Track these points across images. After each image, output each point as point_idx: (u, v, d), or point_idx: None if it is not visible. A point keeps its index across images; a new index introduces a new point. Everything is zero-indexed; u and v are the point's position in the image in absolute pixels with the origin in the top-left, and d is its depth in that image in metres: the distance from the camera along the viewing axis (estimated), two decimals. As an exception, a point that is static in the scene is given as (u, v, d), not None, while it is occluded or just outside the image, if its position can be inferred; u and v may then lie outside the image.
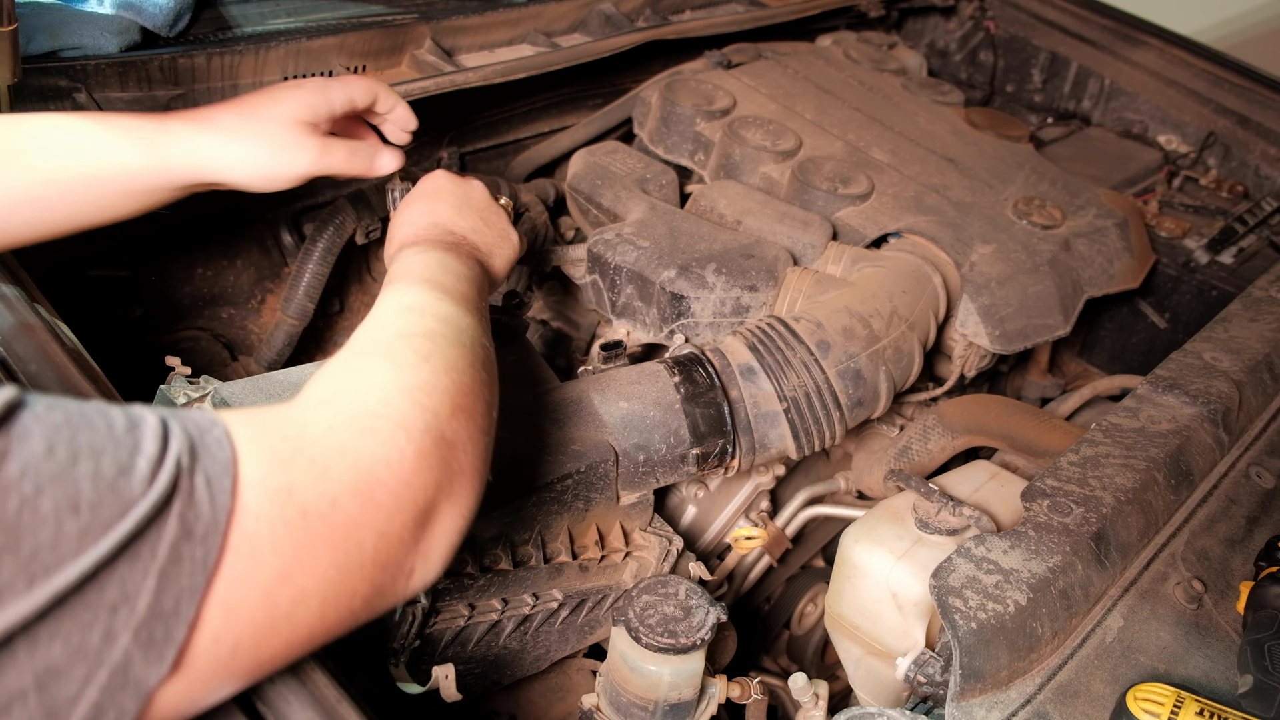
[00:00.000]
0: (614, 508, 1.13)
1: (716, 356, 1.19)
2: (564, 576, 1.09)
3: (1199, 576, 1.02)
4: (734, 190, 1.50)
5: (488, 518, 0.96)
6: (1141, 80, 2.11)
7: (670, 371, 1.18)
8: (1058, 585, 0.94)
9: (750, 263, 1.34)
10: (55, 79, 1.27)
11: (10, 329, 0.91)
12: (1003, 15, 2.28)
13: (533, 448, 1.05)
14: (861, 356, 1.23)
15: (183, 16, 1.41)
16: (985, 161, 1.68)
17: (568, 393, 1.14)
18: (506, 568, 1.01)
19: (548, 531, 1.06)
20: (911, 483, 1.15)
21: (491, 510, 0.96)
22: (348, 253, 1.50)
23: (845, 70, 1.90)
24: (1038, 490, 1.04)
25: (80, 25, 1.33)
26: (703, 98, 1.66)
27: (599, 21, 1.85)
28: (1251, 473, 1.18)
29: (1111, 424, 1.15)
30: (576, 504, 1.08)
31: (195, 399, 0.96)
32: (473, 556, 0.97)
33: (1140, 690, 0.85)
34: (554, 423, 1.09)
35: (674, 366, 1.19)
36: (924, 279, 1.36)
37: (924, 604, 1.05)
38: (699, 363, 1.19)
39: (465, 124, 1.69)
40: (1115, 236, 1.60)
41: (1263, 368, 1.28)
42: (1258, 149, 1.97)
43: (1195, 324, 1.44)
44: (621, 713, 1.03)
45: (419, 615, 0.93)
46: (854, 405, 1.23)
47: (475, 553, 0.98)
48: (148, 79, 1.34)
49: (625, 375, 1.18)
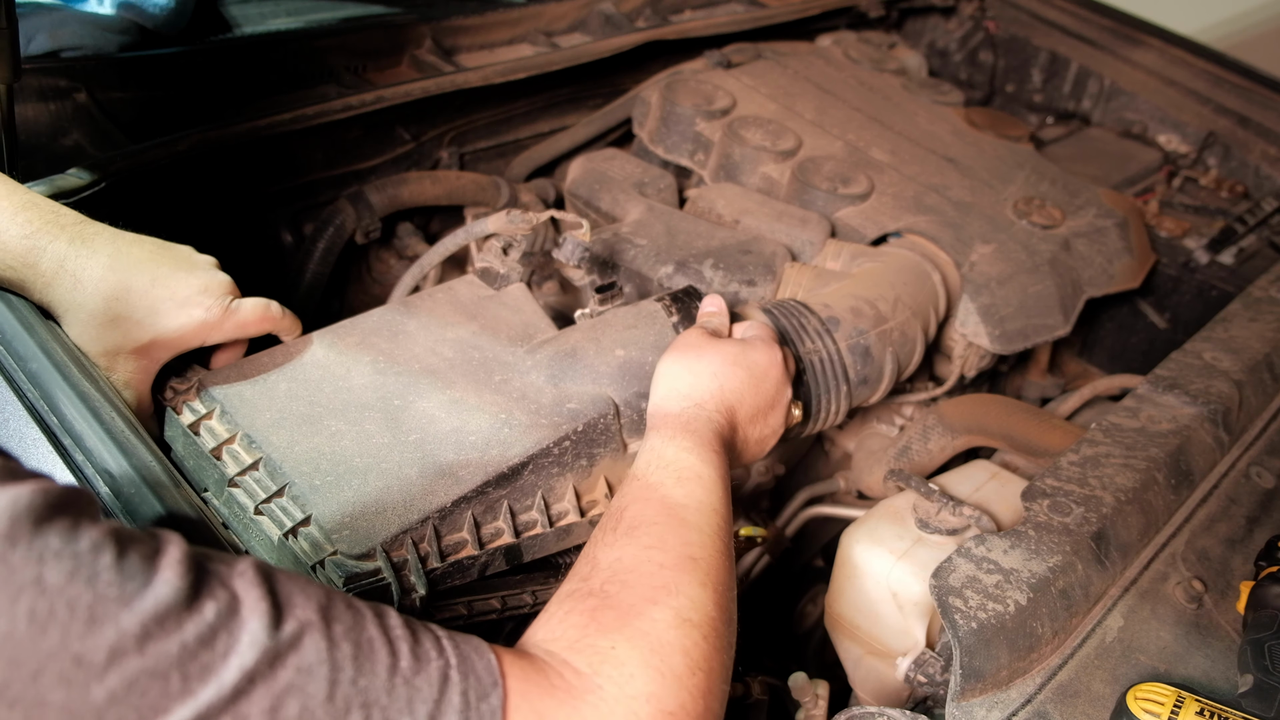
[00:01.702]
0: (621, 458, 1.08)
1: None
2: (573, 537, 1.04)
3: (1199, 576, 1.02)
4: (732, 192, 1.51)
5: (485, 495, 0.94)
6: (1141, 80, 2.11)
7: (668, 310, 1.14)
8: (1058, 585, 0.94)
9: (748, 258, 1.34)
10: (55, 79, 1.27)
11: (10, 329, 0.91)
12: (1003, 15, 2.28)
13: (526, 412, 1.01)
14: (871, 334, 1.23)
15: (183, 17, 1.41)
16: (985, 161, 1.68)
17: (561, 345, 1.09)
18: (510, 540, 0.97)
19: (551, 494, 1.02)
20: (911, 482, 1.15)
21: (489, 488, 0.94)
22: (348, 253, 1.50)
23: (845, 70, 1.90)
24: (1038, 490, 1.04)
25: (80, 25, 1.33)
26: (703, 98, 1.66)
27: (599, 21, 1.85)
28: (1251, 473, 1.18)
29: (1111, 424, 1.15)
30: (579, 462, 1.03)
31: (202, 416, 0.95)
32: (472, 535, 0.94)
33: (1140, 690, 0.85)
34: (549, 380, 1.06)
35: (671, 304, 1.14)
36: (924, 275, 1.37)
37: (924, 604, 1.05)
38: (696, 295, 1.15)
39: (465, 124, 1.69)
40: (1115, 236, 1.60)
41: (1263, 368, 1.28)
42: (1258, 149, 1.97)
43: (1195, 324, 1.44)
44: (621, 712, 1.03)
45: (417, 606, 0.92)
46: (860, 382, 1.22)
47: (474, 530, 0.95)
48: (148, 79, 1.34)
49: (621, 319, 1.13)
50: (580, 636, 0.69)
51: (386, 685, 0.53)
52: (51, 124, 1.27)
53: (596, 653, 0.67)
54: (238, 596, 0.50)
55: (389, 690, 0.53)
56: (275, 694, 0.48)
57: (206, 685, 0.47)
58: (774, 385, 1.03)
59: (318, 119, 1.35)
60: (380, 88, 1.45)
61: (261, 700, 0.48)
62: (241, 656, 0.48)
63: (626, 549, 0.78)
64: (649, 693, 0.65)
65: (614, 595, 0.72)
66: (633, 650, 0.67)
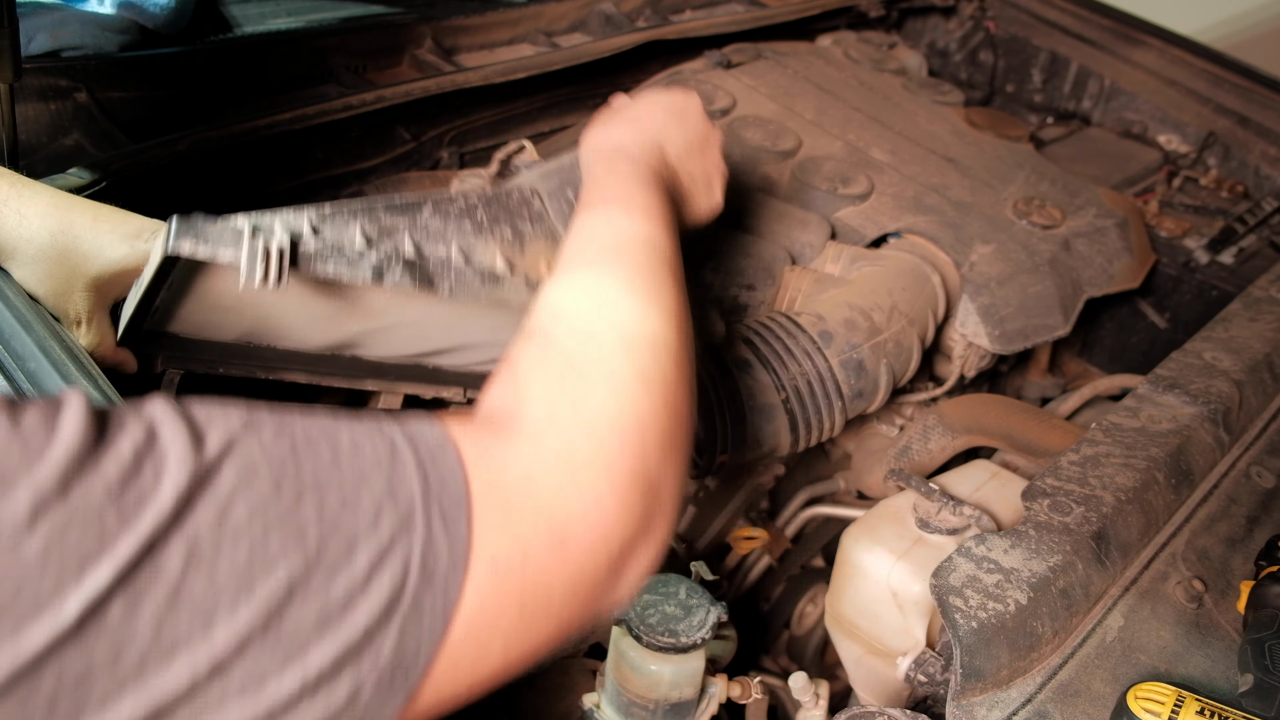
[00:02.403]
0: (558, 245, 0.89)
1: (708, 351, 1.19)
2: (504, 290, 0.90)
3: (1199, 576, 1.02)
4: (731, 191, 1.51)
5: (373, 212, 0.84)
6: (1141, 80, 2.11)
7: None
8: (1058, 584, 0.94)
9: (747, 262, 1.34)
10: (55, 79, 1.27)
11: (9, 326, 0.91)
12: (1003, 15, 2.28)
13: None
14: (864, 347, 1.23)
15: (183, 17, 1.41)
16: (985, 161, 1.68)
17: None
18: (411, 256, 0.84)
19: (471, 251, 0.89)
20: (912, 482, 1.15)
21: (376, 207, 0.85)
22: (348, 252, 1.50)
23: (845, 70, 1.90)
24: (1038, 490, 1.04)
25: (81, 25, 1.33)
26: (702, 97, 1.66)
27: (599, 21, 1.85)
28: (1252, 472, 1.18)
29: (1112, 424, 1.15)
30: (500, 229, 0.92)
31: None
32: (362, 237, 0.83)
33: (1141, 689, 0.85)
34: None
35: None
36: (923, 278, 1.36)
37: (924, 603, 1.05)
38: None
39: (465, 124, 1.69)
40: (1115, 236, 1.60)
41: (1263, 367, 1.28)
42: (1258, 149, 1.97)
43: (1195, 324, 1.44)
44: (622, 712, 1.03)
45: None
46: (854, 396, 1.23)
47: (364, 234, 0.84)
48: (148, 79, 1.34)
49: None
50: (517, 377, 0.64)
51: (332, 465, 0.50)
52: (52, 124, 1.27)
53: (536, 385, 0.63)
54: (153, 428, 0.48)
55: (336, 468, 0.50)
56: (219, 503, 0.46)
57: (143, 513, 0.44)
58: (696, 118, 1.00)
59: (318, 119, 1.35)
60: (380, 87, 1.45)
61: (206, 512, 0.46)
62: (173, 478, 0.46)
63: (560, 286, 0.73)
64: (600, 410, 0.62)
65: (554, 333, 0.67)
66: (576, 379, 0.63)
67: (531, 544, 0.55)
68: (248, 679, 0.46)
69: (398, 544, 0.50)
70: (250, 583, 0.46)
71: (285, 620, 0.47)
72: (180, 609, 0.45)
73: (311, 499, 0.49)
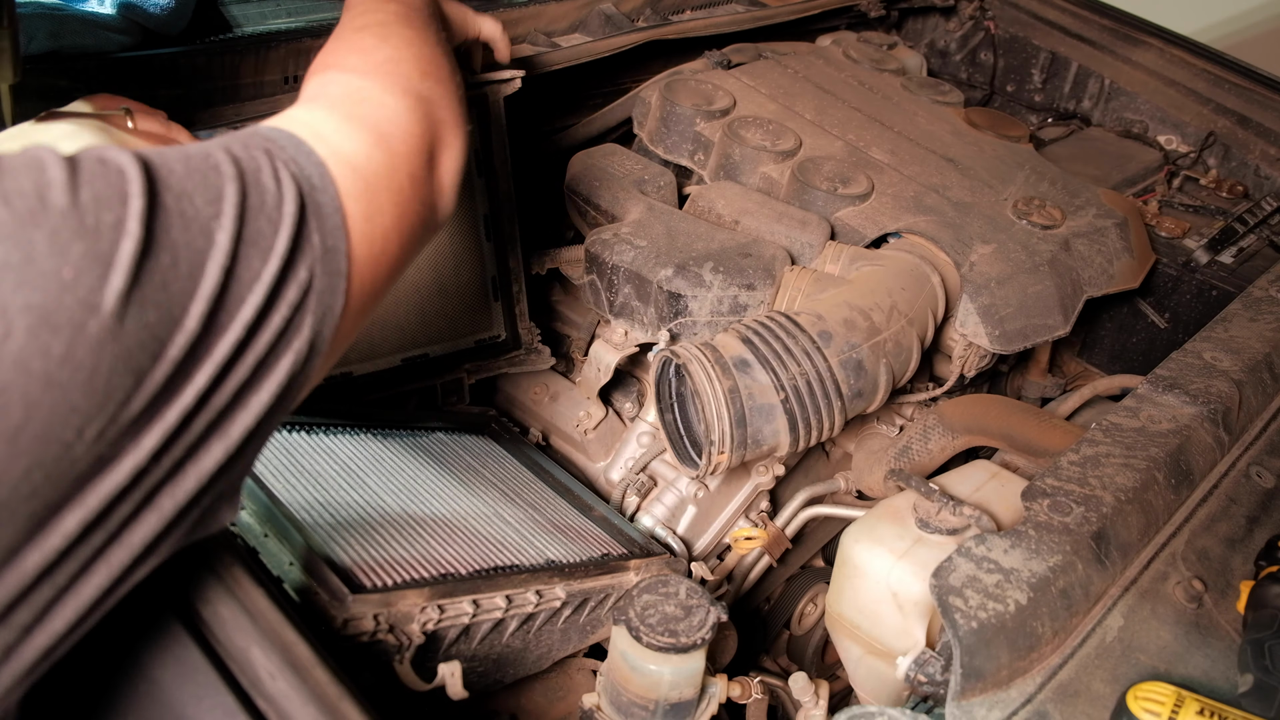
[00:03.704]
0: None
1: (709, 351, 1.19)
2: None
3: (1199, 576, 1.02)
4: (732, 191, 1.51)
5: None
6: (1141, 80, 2.11)
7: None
8: (1058, 584, 0.94)
9: (748, 261, 1.34)
10: (56, 79, 1.27)
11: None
12: (1003, 15, 2.28)
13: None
14: (863, 347, 1.23)
15: (183, 17, 1.41)
16: (985, 161, 1.68)
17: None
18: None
19: None
20: (912, 482, 1.15)
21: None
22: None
23: (845, 70, 1.90)
24: (1038, 490, 1.04)
25: (81, 25, 1.33)
26: (702, 98, 1.66)
27: (599, 21, 1.85)
28: (1251, 472, 1.18)
29: (1111, 424, 1.15)
30: None
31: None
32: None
33: (1141, 689, 0.85)
34: None
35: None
36: (922, 278, 1.36)
37: (924, 603, 1.05)
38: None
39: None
40: (1115, 236, 1.60)
41: (1263, 367, 1.28)
42: (1258, 149, 1.97)
43: (1195, 324, 1.44)
44: (622, 712, 1.03)
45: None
46: (854, 396, 1.22)
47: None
48: (148, 79, 1.34)
49: None
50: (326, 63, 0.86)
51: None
52: (52, 124, 1.27)
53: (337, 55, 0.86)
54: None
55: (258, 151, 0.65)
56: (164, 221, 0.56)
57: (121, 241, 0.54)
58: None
59: (318, 119, 1.35)
60: (380, 88, 1.45)
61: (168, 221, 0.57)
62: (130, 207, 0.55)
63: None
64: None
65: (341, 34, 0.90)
66: (361, 50, 0.86)
67: (368, 150, 0.74)
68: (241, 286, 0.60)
69: (286, 182, 0.65)
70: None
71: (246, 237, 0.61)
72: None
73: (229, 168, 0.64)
